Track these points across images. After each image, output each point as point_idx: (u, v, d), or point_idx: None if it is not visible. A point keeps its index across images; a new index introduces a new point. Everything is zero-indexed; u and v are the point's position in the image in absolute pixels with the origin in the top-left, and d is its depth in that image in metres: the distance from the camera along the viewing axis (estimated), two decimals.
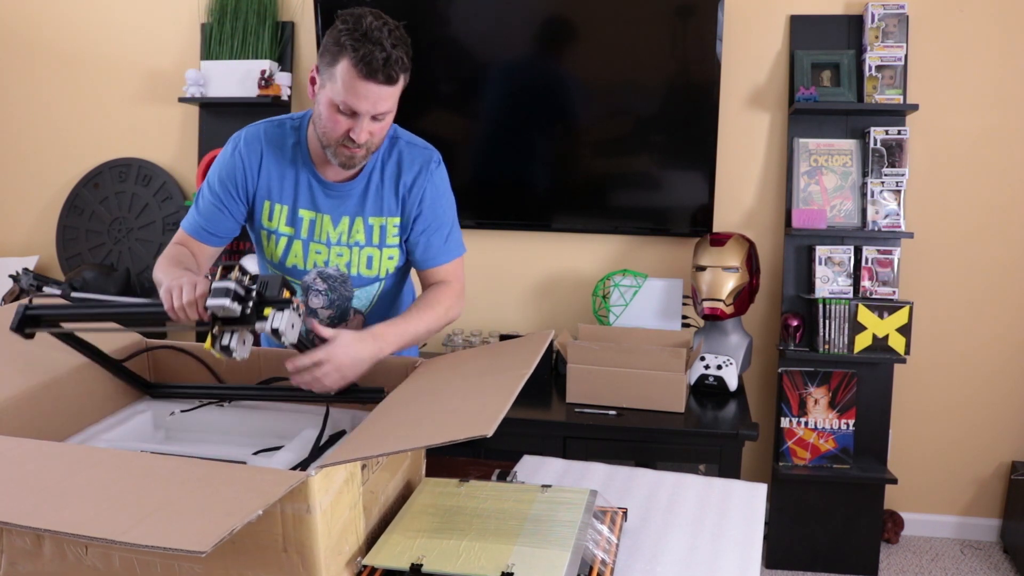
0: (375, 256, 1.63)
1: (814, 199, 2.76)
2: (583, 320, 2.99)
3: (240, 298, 1.18)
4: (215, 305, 1.17)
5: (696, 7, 2.73)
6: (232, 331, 1.20)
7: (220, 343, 1.20)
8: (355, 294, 1.65)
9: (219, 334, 1.20)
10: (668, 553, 1.19)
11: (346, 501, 0.99)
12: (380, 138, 1.50)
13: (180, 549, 0.72)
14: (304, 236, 1.60)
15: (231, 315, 1.18)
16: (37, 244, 3.42)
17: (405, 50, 1.43)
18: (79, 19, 3.26)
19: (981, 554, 2.90)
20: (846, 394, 2.69)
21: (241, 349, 1.21)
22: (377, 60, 1.37)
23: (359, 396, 1.38)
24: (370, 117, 1.43)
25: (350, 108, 1.41)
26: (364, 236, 1.61)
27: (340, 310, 1.66)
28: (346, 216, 1.60)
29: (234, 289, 1.17)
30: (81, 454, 0.96)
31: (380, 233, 1.62)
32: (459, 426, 0.93)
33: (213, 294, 1.18)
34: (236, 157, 1.59)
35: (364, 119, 1.43)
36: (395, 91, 1.45)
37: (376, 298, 1.69)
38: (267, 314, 1.19)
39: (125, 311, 1.34)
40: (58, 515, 0.79)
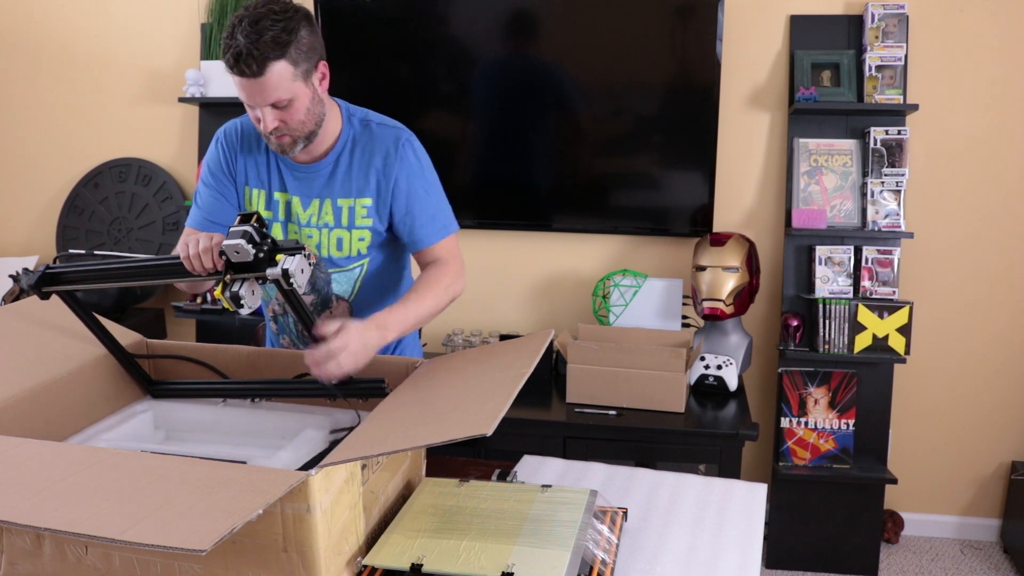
0: (344, 238, 1.61)
1: (814, 199, 2.76)
2: (583, 320, 2.99)
3: (255, 242, 1.20)
4: (231, 246, 1.20)
5: (696, 7, 2.73)
6: (243, 279, 1.22)
7: (230, 290, 1.21)
8: (333, 277, 1.64)
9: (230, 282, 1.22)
10: (668, 553, 1.19)
11: (346, 501, 0.99)
12: (299, 122, 1.48)
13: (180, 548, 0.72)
14: (282, 218, 1.61)
15: (245, 258, 1.20)
16: (37, 244, 3.42)
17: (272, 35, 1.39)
18: (79, 19, 3.26)
19: (981, 554, 2.90)
20: (846, 394, 2.69)
21: (250, 299, 1.22)
22: (232, 57, 1.40)
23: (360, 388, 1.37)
24: (270, 107, 1.44)
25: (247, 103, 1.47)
26: (333, 218, 1.60)
27: (321, 296, 1.65)
28: (315, 199, 1.60)
29: (251, 232, 1.20)
30: (81, 454, 0.96)
31: (349, 214, 1.60)
32: (459, 425, 0.94)
33: (230, 236, 1.21)
34: (219, 148, 1.63)
35: (263, 110, 1.45)
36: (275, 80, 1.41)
37: (359, 284, 1.66)
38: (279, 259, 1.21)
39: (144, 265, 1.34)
40: (57, 514, 0.79)
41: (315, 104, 1.50)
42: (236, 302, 1.22)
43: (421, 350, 1.89)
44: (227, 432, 1.41)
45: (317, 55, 1.49)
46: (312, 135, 1.52)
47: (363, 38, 2.98)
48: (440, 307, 1.55)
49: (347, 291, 1.66)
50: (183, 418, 1.44)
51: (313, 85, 1.48)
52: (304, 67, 1.45)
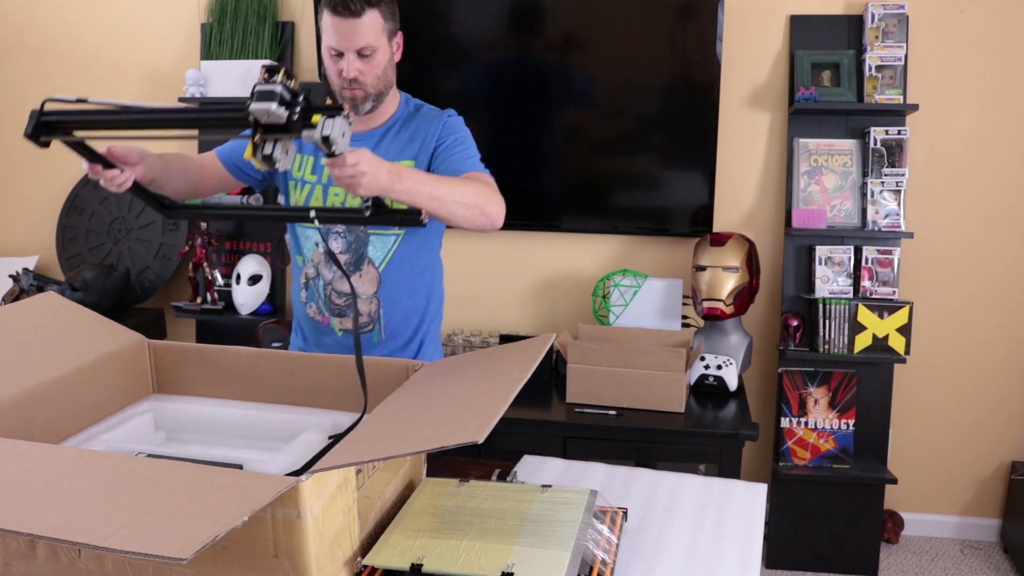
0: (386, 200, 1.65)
1: (814, 199, 2.76)
2: (583, 320, 3.00)
3: (286, 103, 1.10)
4: (259, 109, 1.09)
5: (696, 7, 2.73)
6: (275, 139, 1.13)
7: (262, 152, 1.12)
8: (371, 240, 1.70)
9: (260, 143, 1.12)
10: (668, 553, 1.19)
11: (340, 506, 0.99)
12: (376, 77, 1.62)
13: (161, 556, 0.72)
14: (325, 182, 1.69)
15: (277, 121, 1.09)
16: (37, 244, 3.42)
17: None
18: (79, 19, 3.26)
19: (981, 554, 2.90)
20: (846, 394, 2.69)
21: (284, 159, 1.14)
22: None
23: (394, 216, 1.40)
24: (355, 54, 1.58)
25: (334, 48, 1.58)
26: None
27: (356, 255, 1.72)
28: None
29: (280, 92, 1.09)
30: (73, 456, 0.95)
31: None
32: (451, 432, 0.93)
33: (257, 97, 1.10)
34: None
35: (349, 56, 1.57)
36: (368, 25, 1.56)
37: (392, 253, 1.72)
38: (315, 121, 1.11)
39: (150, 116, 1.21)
40: (42, 519, 0.79)
41: (389, 67, 1.65)
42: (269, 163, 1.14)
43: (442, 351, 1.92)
44: (227, 433, 1.41)
45: (398, 23, 1.65)
46: (380, 97, 1.66)
47: None
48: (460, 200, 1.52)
49: (380, 257, 1.72)
50: (183, 419, 1.44)
51: (392, 48, 1.64)
52: (391, 26, 1.62)
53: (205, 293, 3.06)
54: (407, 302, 1.77)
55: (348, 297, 1.73)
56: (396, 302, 1.75)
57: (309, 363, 1.42)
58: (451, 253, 3.10)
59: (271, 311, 3.07)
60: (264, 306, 3.05)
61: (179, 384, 1.50)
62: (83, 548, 0.76)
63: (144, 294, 3.23)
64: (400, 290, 1.75)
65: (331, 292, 1.73)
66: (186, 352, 1.51)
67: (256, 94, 1.10)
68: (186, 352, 1.51)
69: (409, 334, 1.80)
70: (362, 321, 1.74)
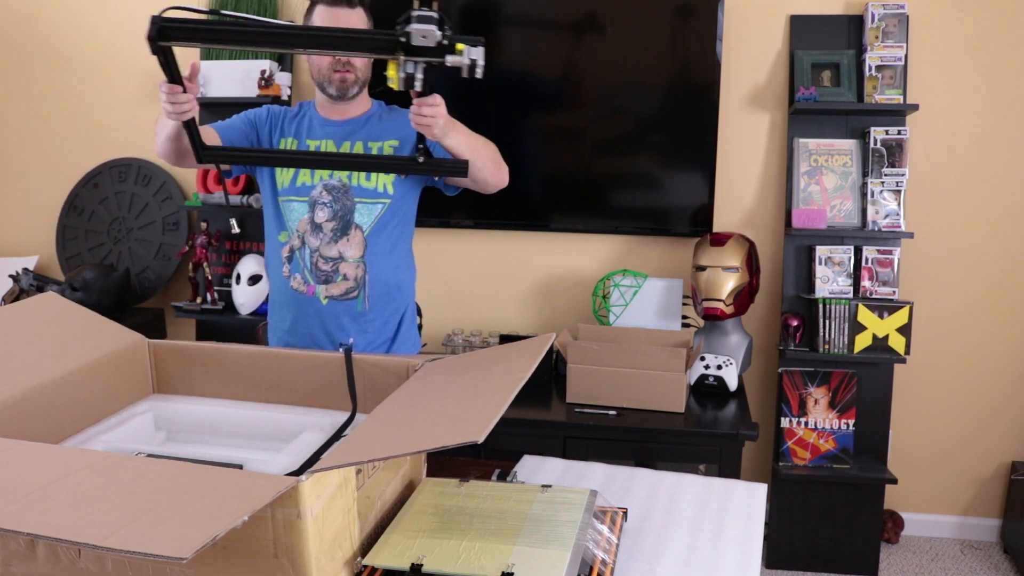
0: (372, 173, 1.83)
1: (814, 199, 2.76)
2: (583, 320, 3.00)
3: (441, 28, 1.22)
4: (419, 31, 1.20)
5: (696, 7, 2.73)
6: (417, 62, 1.25)
7: (404, 70, 1.25)
8: (357, 207, 1.83)
9: (403, 63, 1.24)
10: (668, 553, 1.19)
11: (340, 506, 0.99)
12: (364, 65, 1.82)
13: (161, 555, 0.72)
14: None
15: (429, 43, 1.21)
16: (37, 244, 3.42)
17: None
18: (79, 19, 3.26)
19: (981, 554, 2.90)
20: (846, 394, 2.69)
21: (419, 82, 1.27)
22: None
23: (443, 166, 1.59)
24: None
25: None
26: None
27: (343, 221, 1.82)
28: (347, 141, 1.84)
29: (438, 17, 1.21)
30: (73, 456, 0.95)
31: (378, 152, 1.84)
32: (450, 432, 0.93)
33: (418, 20, 1.20)
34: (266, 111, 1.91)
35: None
36: (359, 17, 1.78)
37: (378, 219, 1.85)
38: (460, 49, 1.23)
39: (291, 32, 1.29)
40: (41, 519, 0.79)
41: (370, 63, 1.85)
42: (409, 83, 1.27)
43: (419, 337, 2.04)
44: (227, 433, 1.41)
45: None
46: (364, 86, 1.85)
47: None
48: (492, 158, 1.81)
49: (367, 223, 1.84)
50: (184, 419, 1.44)
51: None
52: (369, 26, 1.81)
53: (205, 293, 3.06)
54: (389, 271, 1.88)
55: (334, 262, 1.83)
56: (380, 268, 1.86)
57: (309, 363, 1.42)
58: (451, 253, 3.11)
59: None
60: (264, 306, 3.05)
61: (179, 384, 1.50)
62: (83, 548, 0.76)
63: (144, 294, 3.23)
64: (384, 257, 1.86)
65: (317, 259, 1.83)
66: (186, 352, 1.51)
67: (415, 17, 1.21)
68: (186, 352, 1.51)
69: (391, 309, 1.90)
70: (348, 287, 1.84)
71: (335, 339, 1.85)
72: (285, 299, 1.88)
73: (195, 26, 1.23)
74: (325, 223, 1.82)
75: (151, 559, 0.72)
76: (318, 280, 1.84)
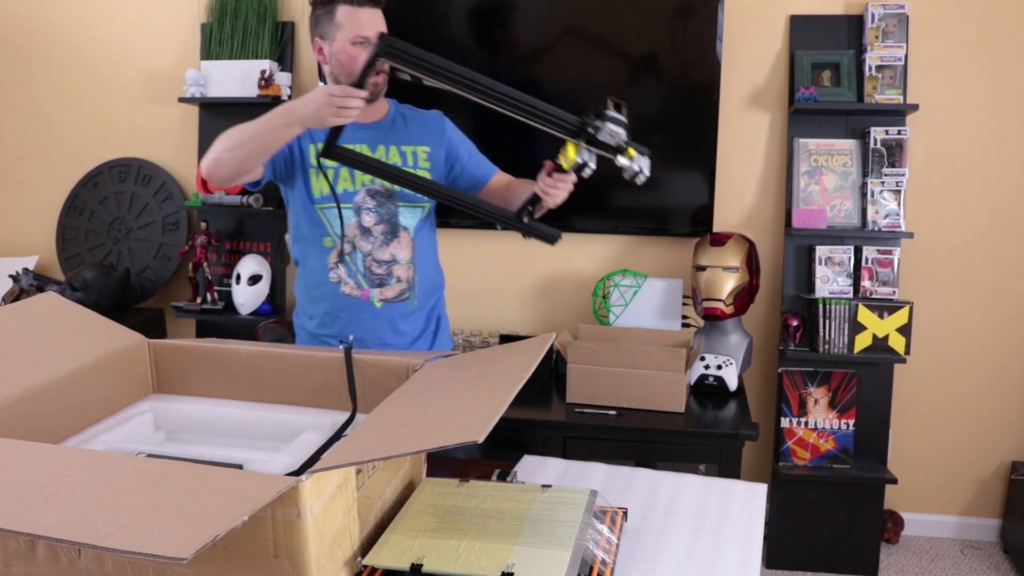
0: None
1: (814, 199, 2.76)
2: (583, 320, 3.00)
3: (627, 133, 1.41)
4: (611, 130, 1.41)
5: (696, 7, 2.73)
6: (592, 151, 1.43)
7: (581, 157, 1.44)
8: (400, 210, 1.85)
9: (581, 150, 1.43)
10: (668, 553, 1.19)
11: (340, 506, 0.99)
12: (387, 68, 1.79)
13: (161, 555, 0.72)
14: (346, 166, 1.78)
15: (611, 142, 1.41)
16: (37, 244, 3.42)
17: None
18: (79, 19, 3.26)
19: (981, 554, 2.90)
20: (846, 394, 2.69)
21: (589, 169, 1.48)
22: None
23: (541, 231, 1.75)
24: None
25: (361, 37, 1.73)
26: (399, 159, 1.86)
27: (390, 224, 1.85)
28: (380, 144, 1.85)
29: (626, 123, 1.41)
30: (72, 456, 0.95)
31: (412, 157, 1.87)
32: (450, 432, 0.93)
33: (612, 121, 1.42)
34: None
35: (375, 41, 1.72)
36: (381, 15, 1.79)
37: (420, 222, 1.89)
38: (632, 154, 1.45)
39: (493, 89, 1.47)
40: (42, 519, 0.79)
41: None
42: (579, 168, 1.45)
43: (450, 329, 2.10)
44: (227, 433, 1.41)
45: None
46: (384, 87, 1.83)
47: None
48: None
49: (412, 224, 1.87)
50: (184, 419, 1.44)
51: None
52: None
53: (205, 293, 3.06)
54: (432, 270, 1.95)
55: (388, 265, 1.84)
56: (426, 268, 1.91)
57: (309, 363, 1.42)
58: (452, 253, 3.11)
59: (271, 311, 3.07)
60: (264, 306, 3.05)
61: (179, 384, 1.50)
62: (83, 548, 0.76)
63: (144, 294, 3.23)
64: (427, 255, 1.92)
65: (371, 263, 1.84)
66: (186, 352, 1.51)
67: (610, 118, 1.43)
68: (186, 352, 1.51)
69: (432, 303, 1.96)
70: (400, 288, 1.87)
71: (384, 341, 1.86)
72: (335, 305, 1.86)
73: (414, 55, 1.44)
74: (374, 227, 1.83)
75: (151, 559, 0.72)
76: (372, 284, 1.85)
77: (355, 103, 1.52)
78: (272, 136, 1.63)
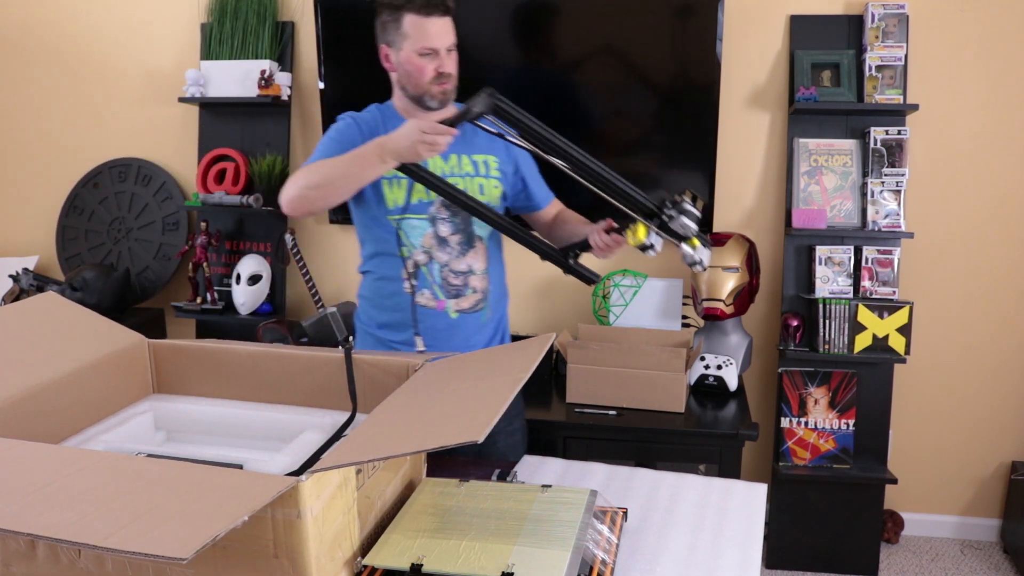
0: (484, 184, 1.85)
1: (814, 199, 2.76)
2: (583, 320, 2.99)
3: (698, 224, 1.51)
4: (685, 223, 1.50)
5: (696, 7, 2.73)
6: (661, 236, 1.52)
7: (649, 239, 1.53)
8: (475, 220, 1.84)
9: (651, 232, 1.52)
10: (668, 553, 1.19)
11: (340, 506, 0.99)
12: (456, 71, 1.80)
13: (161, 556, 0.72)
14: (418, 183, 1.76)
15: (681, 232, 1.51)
16: (37, 244, 3.42)
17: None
18: (79, 19, 3.26)
19: (981, 554, 2.90)
20: (846, 394, 2.69)
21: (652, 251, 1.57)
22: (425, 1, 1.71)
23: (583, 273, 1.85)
24: (446, 50, 1.76)
25: (428, 48, 1.73)
26: (472, 168, 1.84)
27: (466, 235, 1.84)
28: (452, 153, 1.81)
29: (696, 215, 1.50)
30: (72, 456, 0.95)
31: (484, 166, 1.86)
32: (450, 432, 0.93)
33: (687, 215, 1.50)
34: (355, 123, 1.83)
35: (443, 52, 1.75)
36: (449, 23, 1.77)
37: (492, 232, 1.90)
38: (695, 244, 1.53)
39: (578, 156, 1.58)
40: (42, 519, 0.79)
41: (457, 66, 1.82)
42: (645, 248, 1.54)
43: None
44: (227, 433, 1.41)
45: None
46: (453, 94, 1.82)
47: (363, 38, 2.97)
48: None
49: (485, 234, 1.88)
50: (184, 419, 1.44)
51: None
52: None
53: (205, 293, 3.06)
54: (501, 279, 1.97)
55: (464, 276, 1.84)
56: (497, 278, 1.94)
57: (309, 363, 1.42)
58: None
59: (271, 311, 3.07)
60: (264, 306, 3.05)
61: (179, 384, 1.50)
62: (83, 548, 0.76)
63: (144, 294, 3.23)
64: (497, 264, 1.94)
65: (447, 273, 1.83)
66: (186, 352, 1.51)
67: (686, 211, 1.51)
68: (186, 352, 1.51)
69: (501, 310, 1.98)
70: (476, 299, 1.87)
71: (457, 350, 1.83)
72: (408, 315, 1.83)
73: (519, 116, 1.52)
74: (450, 236, 1.82)
75: (151, 559, 0.72)
76: (448, 295, 1.83)
77: (445, 140, 1.55)
78: (366, 173, 1.64)
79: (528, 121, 1.51)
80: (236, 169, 3.04)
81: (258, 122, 3.09)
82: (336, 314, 2.56)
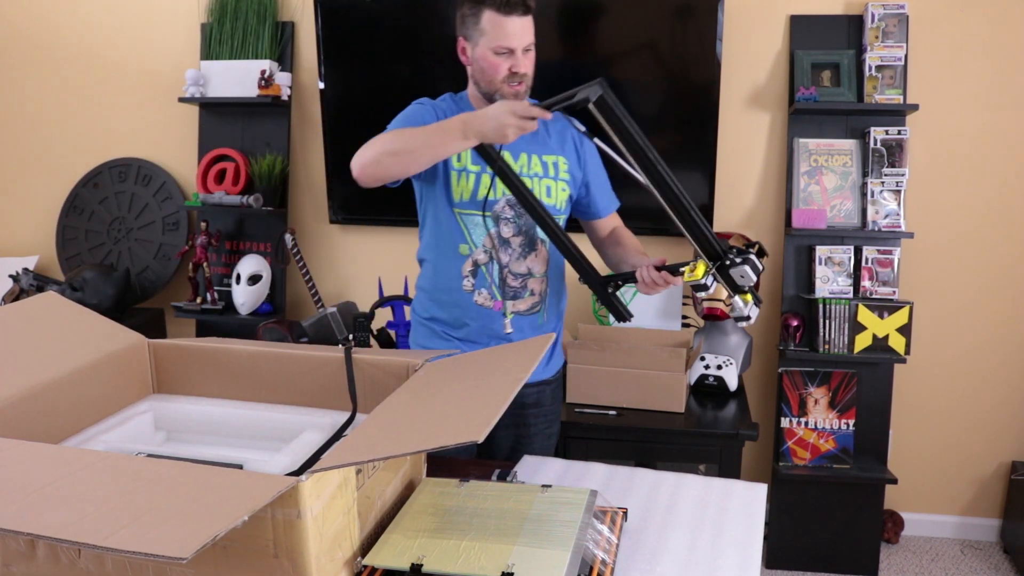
0: (552, 187, 1.82)
1: (814, 199, 2.76)
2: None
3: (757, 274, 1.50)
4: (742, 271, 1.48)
5: (696, 7, 2.73)
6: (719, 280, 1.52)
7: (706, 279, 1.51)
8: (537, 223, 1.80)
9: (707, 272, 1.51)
10: (668, 553, 1.19)
11: (340, 506, 0.99)
12: (532, 71, 1.75)
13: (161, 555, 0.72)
14: (490, 170, 1.73)
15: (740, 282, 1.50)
16: (37, 244, 3.42)
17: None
18: (79, 19, 3.26)
19: (981, 554, 2.90)
20: (846, 394, 2.69)
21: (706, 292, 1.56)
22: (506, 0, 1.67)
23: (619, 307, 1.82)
24: (523, 50, 1.70)
25: (504, 47, 1.69)
26: (541, 169, 1.81)
27: (528, 236, 1.81)
28: (523, 152, 1.79)
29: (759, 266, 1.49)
30: (72, 456, 0.95)
31: (554, 168, 1.83)
32: (450, 432, 0.93)
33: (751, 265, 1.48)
34: (425, 106, 1.80)
35: (519, 52, 1.70)
36: (529, 22, 1.71)
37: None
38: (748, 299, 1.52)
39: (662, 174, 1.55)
40: (42, 518, 0.79)
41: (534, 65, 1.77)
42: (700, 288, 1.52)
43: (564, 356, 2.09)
44: (227, 433, 1.41)
45: None
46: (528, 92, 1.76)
47: (363, 38, 2.97)
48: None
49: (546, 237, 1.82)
50: (184, 419, 1.44)
51: None
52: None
53: (205, 293, 3.06)
54: (561, 283, 1.94)
55: (523, 278, 1.82)
56: (557, 281, 1.91)
57: (309, 363, 1.42)
58: None
59: (271, 311, 3.07)
60: (264, 306, 3.05)
61: (179, 384, 1.50)
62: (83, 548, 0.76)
63: (144, 294, 3.23)
64: (559, 269, 1.91)
65: (507, 275, 1.80)
66: (186, 351, 1.51)
67: (750, 263, 1.49)
68: (186, 351, 1.51)
69: (558, 313, 1.95)
70: (533, 302, 1.85)
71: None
72: (465, 313, 1.82)
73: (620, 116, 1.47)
74: (512, 238, 1.79)
75: (151, 559, 0.72)
76: (506, 296, 1.81)
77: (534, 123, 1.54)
78: (446, 146, 1.60)
79: (628, 125, 1.47)
80: (236, 169, 3.04)
81: (258, 122, 3.10)
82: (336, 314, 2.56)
